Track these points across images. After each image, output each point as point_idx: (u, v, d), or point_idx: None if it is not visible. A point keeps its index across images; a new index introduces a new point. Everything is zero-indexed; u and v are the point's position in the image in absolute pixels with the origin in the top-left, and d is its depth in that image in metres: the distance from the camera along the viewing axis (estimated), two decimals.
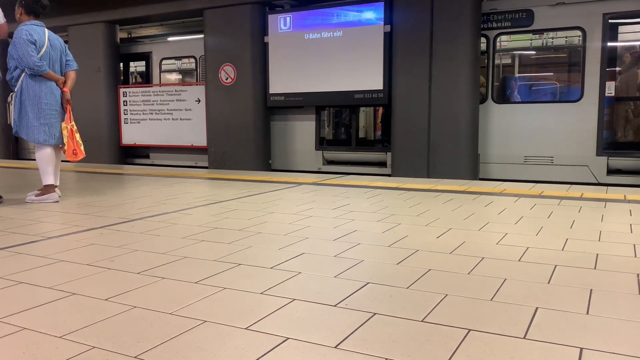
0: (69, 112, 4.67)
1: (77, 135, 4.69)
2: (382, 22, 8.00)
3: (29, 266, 2.55)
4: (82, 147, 4.71)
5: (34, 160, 4.78)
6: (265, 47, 9.03)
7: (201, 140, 9.96)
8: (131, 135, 10.84)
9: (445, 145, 7.56)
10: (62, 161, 4.96)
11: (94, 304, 2.01)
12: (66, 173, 6.75)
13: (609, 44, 7.21)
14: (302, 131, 9.23)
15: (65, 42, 5.47)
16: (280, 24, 8.88)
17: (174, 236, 3.18)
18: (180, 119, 10.23)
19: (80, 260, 2.64)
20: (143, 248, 2.89)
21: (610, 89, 7.24)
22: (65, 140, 4.61)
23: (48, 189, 4.58)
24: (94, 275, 2.39)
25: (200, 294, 2.10)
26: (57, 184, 4.71)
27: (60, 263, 2.60)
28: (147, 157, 10.99)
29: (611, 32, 7.23)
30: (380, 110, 9.34)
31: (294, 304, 1.98)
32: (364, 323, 1.78)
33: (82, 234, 3.29)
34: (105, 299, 2.04)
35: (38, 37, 4.49)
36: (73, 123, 4.68)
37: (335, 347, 1.61)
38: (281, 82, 8.98)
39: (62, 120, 4.65)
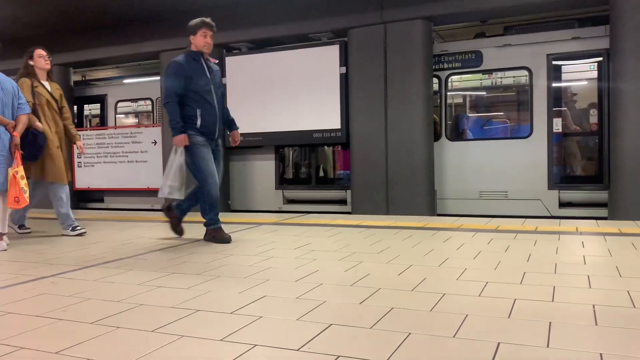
0: (18, 157, 4.51)
1: (23, 182, 4.45)
2: (338, 64, 8.18)
3: None
4: (26, 195, 4.47)
5: None
6: (224, 88, 9.04)
7: (157, 182, 9.75)
8: (85, 179, 10.56)
9: (403, 182, 7.67)
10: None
11: (42, 358, 1.90)
12: None
13: (554, 83, 7.56)
14: (261, 171, 9.20)
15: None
16: (238, 65, 8.95)
17: (130, 283, 3.07)
18: (136, 161, 10.06)
19: (29, 312, 2.51)
20: (97, 296, 2.77)
21: (558, 125, 7.55)
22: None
23: None
24: (45, 327, 2.27)
25: (157, 343, 2.02)
26: (5, 231, 4.51)
27: (8, 315, 2.47)
28: (102, 201, 10.70)
29: (555, 72, 7.59)
30: (339, 148, 9.45)
31: (255, 350, 1.92)
32: None
33: (32, 283, 3.14)
34: (56, 352, 1.94)
35: None
36: (18, 169, 4.46)
37: None
38: (240, 123, 8.93)
39: (10, 165, 4.47)
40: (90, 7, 8.78)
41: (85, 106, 11.89)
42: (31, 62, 5.20)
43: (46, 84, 5.29)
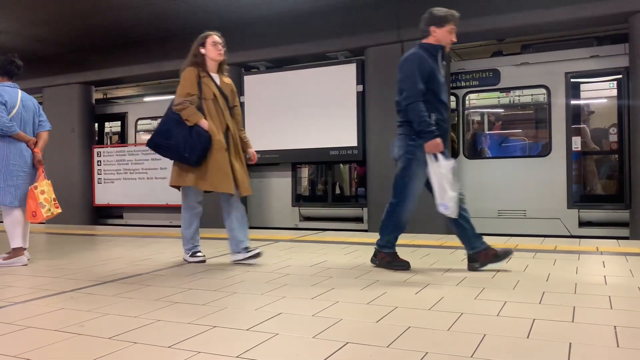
0: (41, 172, 4.60)
1: (42, 197, 4.46)
2: (355, 82, 8.23)
3: None
4: (43, 210, 4.45)
5: (1, 222, 4.66)
6: (241, 106, 9.15)
7: (176, 198, 9.79)
8: (105, 195, 10.71)
9: (420, 200, 7.60)
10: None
11: None
12: (36, 235, 6.58)
13: (573, 101, 7.51)
14: (278, 188, 9.24)
15: (40, 103, 5.47)
16: (256, 84, 9.05)
17: (147, 298, 3.09)
18: (155, 177, 10.17)
19: (48, 326, 2.54)
20: (115, 312, 2.80)
21: (577, 143, 7.48)
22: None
23: (16, 252, 4.44)
24: (63, 341, 2.29)
25: (174, 359, 2.03)
26: (26, 246, 4.58)
27: (27, 330, 2.50)
28: (121, 217, 10.82)
29: (574, 90, 7.54)
30: (356, 166, 9.46)
31: None
32: None
33: (51, 297, 3.17)
34: None
35: (9, 98, 4.47)
36: (39, 184, 4.51)
37: None
38: (257, 140, 9.04)
39: (34, 181, 4.55)
40: (111, 27, 8.99)
41: (106, 123, 12.10)
42: (202, 50, 4.33)
43: (216, 77, 4.41)
